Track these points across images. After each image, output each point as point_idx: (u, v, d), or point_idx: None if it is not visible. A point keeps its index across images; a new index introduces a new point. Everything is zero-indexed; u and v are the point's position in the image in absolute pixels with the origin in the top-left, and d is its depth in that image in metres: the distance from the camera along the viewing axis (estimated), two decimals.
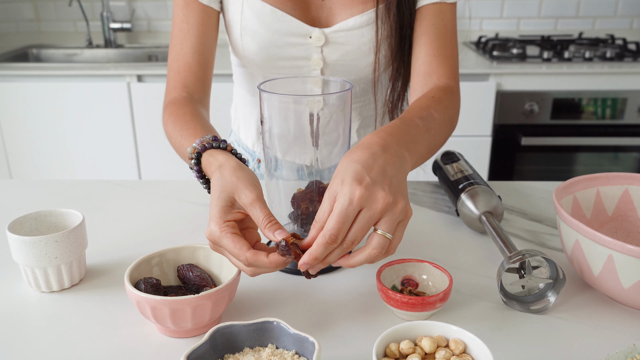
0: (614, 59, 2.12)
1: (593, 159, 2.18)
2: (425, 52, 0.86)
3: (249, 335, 0.55)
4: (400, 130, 0.65)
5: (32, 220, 0.73)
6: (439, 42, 0.86)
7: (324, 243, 0.56)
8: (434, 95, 0.79)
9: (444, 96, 0.80)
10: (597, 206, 0.78)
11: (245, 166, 0.65)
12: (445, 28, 0.86)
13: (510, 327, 0.63)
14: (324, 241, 0.56)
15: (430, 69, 0.85)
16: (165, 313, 0.58)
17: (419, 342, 0.54)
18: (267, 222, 0.58)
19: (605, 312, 0.66)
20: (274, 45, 0.88)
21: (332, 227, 0.55)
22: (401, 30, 0.87)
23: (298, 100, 0.68)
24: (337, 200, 0.56)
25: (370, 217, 0.56)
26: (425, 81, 0.85)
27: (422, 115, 0.72)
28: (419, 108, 0.74)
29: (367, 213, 0.56)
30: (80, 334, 0.63)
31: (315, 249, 0.56)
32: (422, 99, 0.78)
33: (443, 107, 0.77)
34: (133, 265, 0.63)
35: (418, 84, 0.86)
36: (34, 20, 2.61)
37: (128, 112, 2.13)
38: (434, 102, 0.77)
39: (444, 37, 0.86)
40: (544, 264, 0.66)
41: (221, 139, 0.69)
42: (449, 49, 0.87)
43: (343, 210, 0.55)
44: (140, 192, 1.00)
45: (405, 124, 0.67)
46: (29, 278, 0.70)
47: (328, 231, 0.55)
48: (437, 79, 0.85)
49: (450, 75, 0.86)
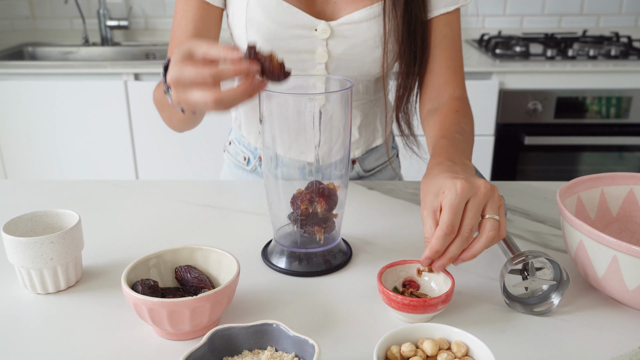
0: (619, 57, 2.12)
1: (597, 159, 2.18)
2: (439, 65, 0.92)
3: (248, 337, 0.55)
4: (453, 147, 0.75)
5: (27, 220, 0.73)
6: (451, 53, 0.92)
7: (443, 235, 0.60)
8: (457, 109, 0.88)
9: (465, 108, 0.90)
10: (601, 207, 0.78)
11: None
12: (454, 38, 0.92)
13: (513, 329, 0.63)
14: (442, 233, 0.60)
15: (445, 81, 0.92)
16: (163, 315, 0.58)
17: (420, 345, 0.54)
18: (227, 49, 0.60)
19: (610, 315, 0.66)
20: (278, 37, 0.88)
21: (446, 219, 0.60)
22: (409, 25, 0.87)
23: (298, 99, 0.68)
24: (444, 197, 0.61)
25: (479, 204, 0.62)
26: (441, 92, 0.92)
27: (458, 130, 0.82)
28: (453, 124, 0.84)
29: (475, 200, 0.61)
30: (76, 336, 0.63)
31: (435, 242, 0.61)
32: (449, 114, 0.87)
33: (468, 119, 0.88)
34: (130, 267, 0.63)
35: (432, 94, 0.93)
36: (30, 18, 2.61)
37: (125, 111, 2.13)
38: (460, 116, 0.87)
39: (454, 47, 0.92)
40: (548, 265, 0.66)
41: None
42: (458, 59, 0.93)
43: (453, 203, 0.60)
44: (137, 192, 1.00)
45: (452, 141, 0.77)
46: (24, 279, 0.70)
47: (444, 223, 0.60)
48: (452, 90, 0.92)
49: (462, 86, 0.94)
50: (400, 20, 0.87)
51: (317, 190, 0.71)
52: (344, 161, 0.73)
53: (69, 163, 2.22)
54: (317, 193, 0.71)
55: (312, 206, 0.71)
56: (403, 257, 0.77)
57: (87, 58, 2.50)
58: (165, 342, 0.62)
